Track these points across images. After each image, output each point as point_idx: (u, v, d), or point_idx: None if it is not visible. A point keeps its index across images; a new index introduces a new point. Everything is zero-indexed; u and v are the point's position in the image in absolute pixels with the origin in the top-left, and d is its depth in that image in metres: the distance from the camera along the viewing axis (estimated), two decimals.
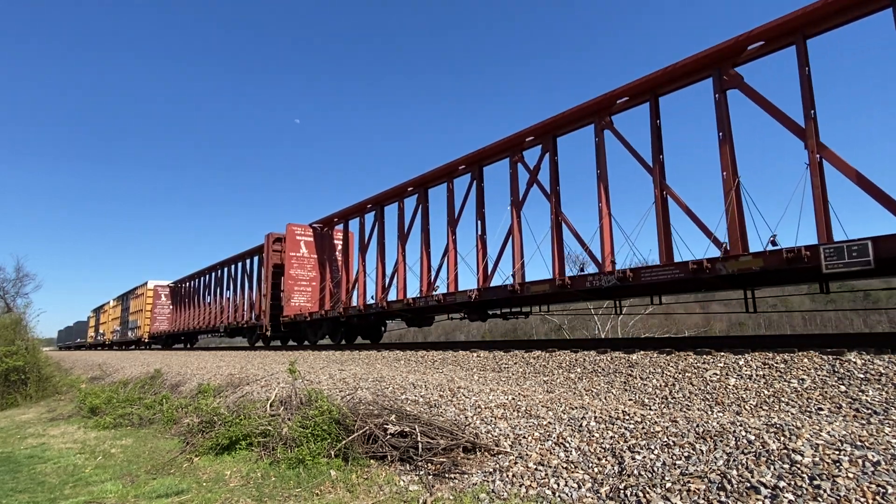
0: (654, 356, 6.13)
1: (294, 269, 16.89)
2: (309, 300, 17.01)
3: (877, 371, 4.39)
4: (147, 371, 13.96)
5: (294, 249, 16.93)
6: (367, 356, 10.73)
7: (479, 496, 3.55)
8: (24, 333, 15.43)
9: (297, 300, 16.77)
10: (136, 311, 35.00)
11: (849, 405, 3.98)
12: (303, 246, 17.11)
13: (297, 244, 17.01)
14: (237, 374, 10.37)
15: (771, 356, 5.21)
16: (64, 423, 8.80)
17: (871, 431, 3.19)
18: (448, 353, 9.13)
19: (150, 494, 4.32)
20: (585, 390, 5.65)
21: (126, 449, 6.38)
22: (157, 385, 11.70)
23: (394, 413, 4.98)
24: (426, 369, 8.19)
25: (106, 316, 44.02)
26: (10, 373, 13.18)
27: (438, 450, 4.23)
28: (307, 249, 17.18)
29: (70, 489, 4.73)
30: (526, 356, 7.57)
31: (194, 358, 16.82)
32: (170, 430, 7.24)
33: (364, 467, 4.37)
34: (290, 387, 6.61)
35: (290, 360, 8.36)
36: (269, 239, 18.40)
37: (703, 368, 5.34)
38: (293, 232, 16.99)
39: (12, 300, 45.22)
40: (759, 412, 4.18)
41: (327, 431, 4.86)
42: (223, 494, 4.14)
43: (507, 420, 4.71)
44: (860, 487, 2.59)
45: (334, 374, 8.22)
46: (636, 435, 3.82)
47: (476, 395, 5.55)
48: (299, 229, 17.08)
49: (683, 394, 4.91)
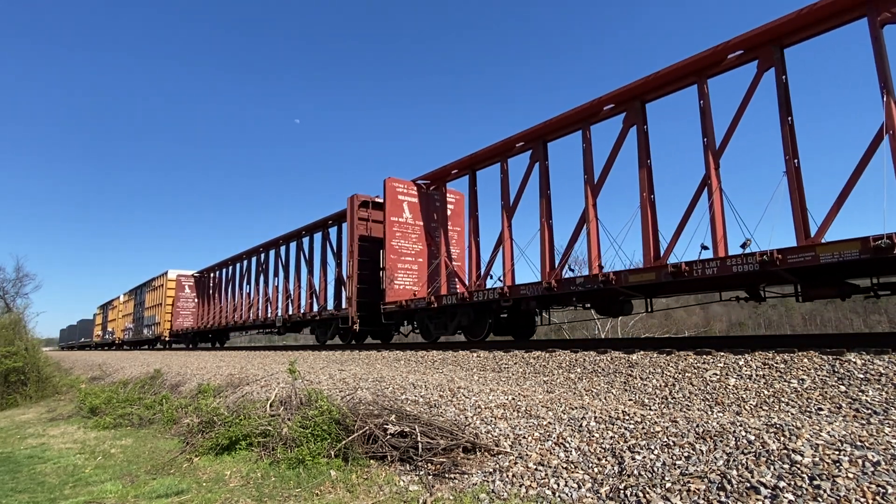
0: (654, 356, 6.13)
1: (397, 239, 12.55)
2: (415, 281, 12.84)
3: (877, 371, 4.39)
4: (147, 371, 13.96)
5: (396, 213, 12.62)
6: (367, 356, 10.73)
7: (479, 496, 3.55)
8: (24, 333, 15.43)
9: (402, 281, 12.62)
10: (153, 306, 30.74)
11: (849, 405, 3.98)
12: (406, 209, 12.80)
13: (399, 206, 12.70)
14: (237, 375, 10.37)
15: (771, 356, 5.21)
16: (64, 424, 8.80)
17: (871, 431, 3.19)
18: (448, 353, 9.13)
19: (149, 494, 4.32)
20: (585, 390, 5.65)
21: (126, 449, 6.38)
22: (157, 385, 11.69)
23: (394, 413, 4.98)
24: (426, 369, 8.19)
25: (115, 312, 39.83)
26: (10, 373, 13.18)
27: (438, 450, 4.23)
28: (411, 213, 12.88)
29: (70, 489, 4.73)
30: (526, 356, 7.57)
31: (194, 358, 16.81)
32: (170, 431, 7.24)
33: (364, 467, 4.36)
34: (290, 387, 6.61)
35: (289, 360, 8.36)
36: (354, 203, 14.08)
37: (703, 368, 5.34)
38: (394, 190, 12.62)
39: (12, 300, 45.23)
40: (759, 412, 4.18)
41: (327, 431, 4.86)
42: (223, 494, 4.14)
43: (507, 420, 4.71)
44: (860, 487, 2.59)
45: (334, 374, 8.22)
46: (636, 435, 3.82)
47: (476, 395, 5.55)
48: (402, 186, 12.77)
49: (683, 394, 4.91)
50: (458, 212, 13.79)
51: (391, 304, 12.30)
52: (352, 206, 14.24)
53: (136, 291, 34.89)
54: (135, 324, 34.15)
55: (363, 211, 14.29)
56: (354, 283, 13.53)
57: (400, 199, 12.77)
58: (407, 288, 12.69)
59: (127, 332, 35.59)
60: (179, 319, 27.56)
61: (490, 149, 11.00)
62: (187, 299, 28.09)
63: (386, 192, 12.54)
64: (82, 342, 51.69)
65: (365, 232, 14.17)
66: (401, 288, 12.61)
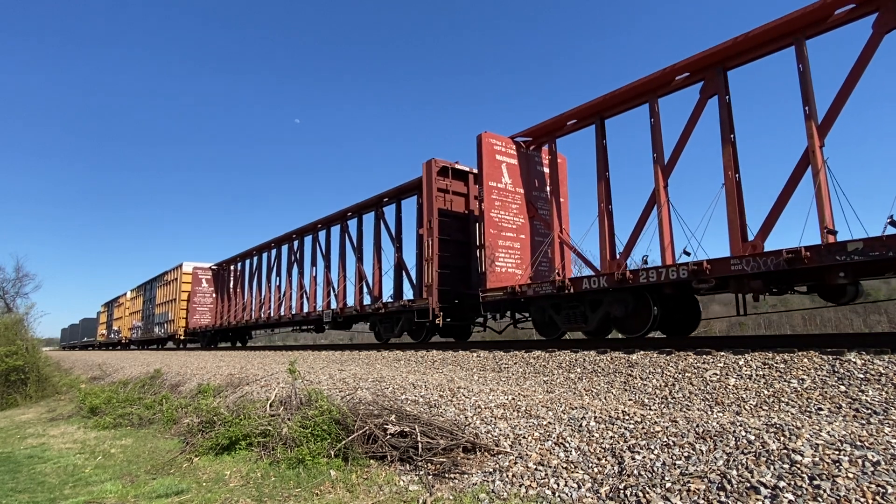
0: (654, 356, 6.13)
1: (496, 209, 10.11)
2: (517, 263, 10.38)
3: (877, 371, 4.39)
4: (147, 371, 13.97)
5: (494, 176, 10.17)
6: (367, 356, 10.73)
7: (479, 496, 3.55)
8: (25, 333, 15.45)
9: (504, 262, 10.13)
10: (165, 302, 28.04)
11: (849, 405, 3.98)
12: (505, 172, 10.34)
13: (497, 168, 10.22)
14: (237, 374, 10.38)
15: (771, 356, 5.21)
16: (64, 423, 8.80)
17: (871, 431, 3.19)
18: (448, 353, 9.13)
19: (149, 494, 4.32)
20: (585, 390, 5.65)
21: (126, 449, 6.38)
22: (157, 385, 11.71)
23: (394, 413, 4.98)
24: (426, 369, 8.19)
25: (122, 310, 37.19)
26: (11, 373, 13.20)
27: (438, 450, 4.23)
28: (510, 178, 10.42)
29: (70, 489, 4.73)
30: (526, 356, 7.57)
31: (194, 358, 16.82)
32: (170, 430, 7.24)
33: (364, 467, 4.37)
34: (290, 387, 6.61)
35: (289, 360, 8.36)
36: (432, 170, 11.55)
37: (703, 368, 5.34)
38: (492, 148, 10.19)
39: (12, 300, 45.25)
40: (759, 412, 4.18)
41: (327, 431, 4.86)
42: (223, 494, 4.14)
43: (506, 420, 4.71)
44: (860, 487, 2.59)
45: (334, 374, 8.22)
46: (636, 435, 3.82)
47: (476, 395, 5.55)
48: (500, 144, 10.36)
49: (683, 394, 4.91)
50: (562, 178, 11.24)
51: (495, 291, 9.72)
52: (429, 174, 11.64)
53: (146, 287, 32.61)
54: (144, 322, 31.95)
55: (441, 180, 11.75)
56: (435, 267, 10.93)
57: (498, 161, 10.28)
58: (509, 271, 10.25)
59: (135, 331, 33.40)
60: (196, 316, 25.07)
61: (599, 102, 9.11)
62: (204, 294, 25.44)
63: (482, 150, 10.06)
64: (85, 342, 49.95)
65: (445, 205, 11.73)
66: (503, 271, 10.16)
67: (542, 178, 11.05)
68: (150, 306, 30.84)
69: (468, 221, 12.08)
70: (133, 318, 34.40)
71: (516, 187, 10.58)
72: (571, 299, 8.85)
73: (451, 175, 11.95)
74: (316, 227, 17.12)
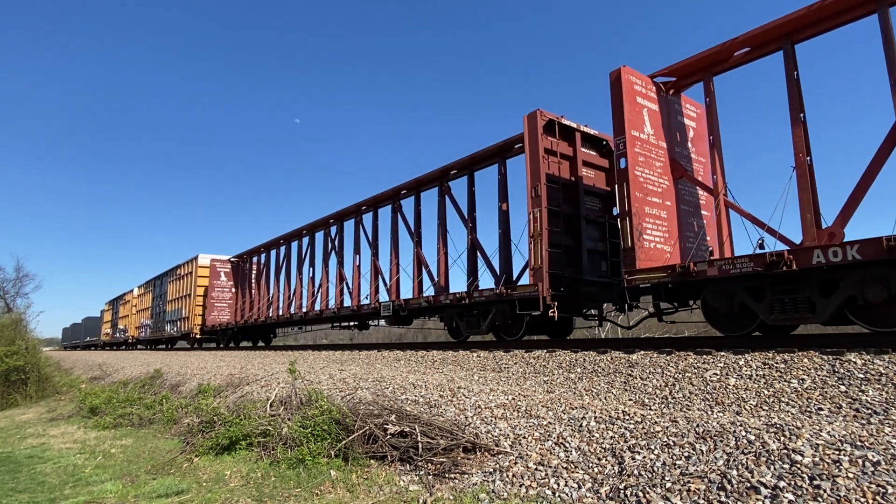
0: (654, 356, 6.13)
1: (640, 167, 8.09)
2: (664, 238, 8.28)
3: (877, 371, 4.39)
4: (147, 371, 13.98)
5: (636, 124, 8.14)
6: (366, 356, 10.74)
7: (479, 496, 3.55)
8: (25, 333, 15.47)
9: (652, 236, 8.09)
10: (178, 298, 26.13)
11: (849, 405, 3.98)
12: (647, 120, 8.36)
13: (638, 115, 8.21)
14: (237, 374, 10.38)
15: (771, 356, 5.21)
16: (64, 423, 8.80)
17: (871, 431, 3.19)
18: (448, 353, 9.13)
19: (150, 494, 4.32)
20: (585, 390, 5.65)
21: (126, 449, 6.38)
22: (157, 385, 11.71)
23: (394, 413, 4.98)
24: (426, 369, 8.19)
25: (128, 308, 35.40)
26: (11, 373, 13.21)
27: (438, 450, 4.23)
28: (653, 129, 8.43)
29: (70, 489, 4.73)
30: (526, 356, 7.57)
31: (194, 358, 16.83)
32: (170, 430, 7.25)
33: (364, 467, 4.37)
34: (290, 387, 6.61)
35: (289, 360, 8.36)
36: (538, 123, 9.49)
37: (703, 368, 5.34)
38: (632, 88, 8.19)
39: (12, 300, 45.25)
40: (759, 412, 4.18)
41: (327, 431, 4.86)
42: (223, 494, 4.14)
43: (507, 420, 4.71)
44: (860, 487, 2.59)
45: (334, 374, 8.23)
46: (636, 435, 3.82)
47: (476, 395, 5.55)
48: (640, 83, 8.38)
49: (683, 394, 4.91)
50: (700, 133, 9.40)
51: (650, 272, 7.61)
52: (533, 130, 9.54)
53: (155, 282, 30.62)
54: (153, 319, 29.97)
55: (547, 138, 9.75)
56: (544, 244, 9.06)
57: (639, 105, 8.28)
58: (658, 247, 8.16)
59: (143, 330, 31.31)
60: (214, 313, 22.90)
61: None
62: (223, 289, 23.28)
63: (622, 90, 8.05)
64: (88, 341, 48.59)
65: (553, 169, 9.76)
66: (651, 247, 8.03)
67: (682, 131, 9.05)
68: (161, 303, 28.88)
69: (576, 191, 10.08)
70: (141, 316, 32.64)
71: (658, 140, 8.55)
72: (787, 280, 6.53)
73: (558, 132, 9.93)
74: (360, 209, 15.10)
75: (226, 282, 23.47)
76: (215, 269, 23.31)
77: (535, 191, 9.40)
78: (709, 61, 8.15)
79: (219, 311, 23.11)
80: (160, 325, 28.53)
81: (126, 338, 34.90)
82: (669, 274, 7.35)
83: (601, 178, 10.73)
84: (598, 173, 10.73)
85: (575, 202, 10.07)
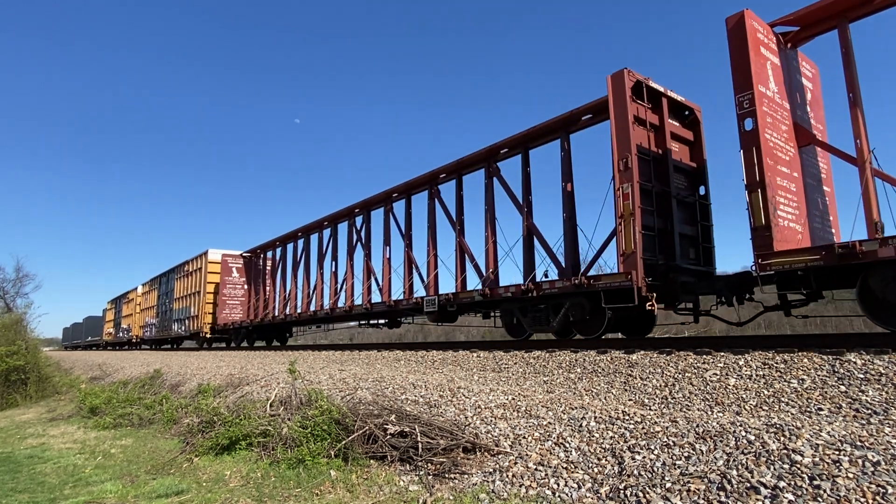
0: (654, 356, 6.13)
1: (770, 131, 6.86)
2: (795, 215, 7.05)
3: (877, 371, 4.39)
4: (147, 371, 13.98)
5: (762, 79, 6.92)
6: (367, 356, 10.74)
7: (479, 496, 3.55)
8: (25, 333, 15.48)
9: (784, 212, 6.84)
10: (186, 296, 24.99)
11: (849, 405, 3.98)
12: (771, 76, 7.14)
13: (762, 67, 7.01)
14: (237, 375, 10.38)
15: (771, 356, 5.21)
16: (64, 423, 8.81)
17: (871, 431, 3.19)
18: (448, 353, 9.13)
19: (150, 494, 4.32)
20: (585, 390, 5.65)
21: (126, 449, 6.39)
22: (157, 385, 11.71)
23: (394, 413, 4.98)
24: (426, 369, 8.19)
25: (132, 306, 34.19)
26: (11, 373, 13.21)
27: (438, 450, 4.23)
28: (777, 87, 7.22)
29: (70, 489, 4.74)
30: (526, 356, 7.57)
31: (194, 358, 16.83)
32: (170, 430, 7.25)
33: (364, 467, 4.37)
34: (290, 387, 6.61)
35: (289, 360, 8.37)
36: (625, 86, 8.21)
37: (703, 368, 5.34)
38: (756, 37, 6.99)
39: (12, 300, 45.24)
40: (759, 412, 4.18)
41: (327, 431, 4.86)
42: (223, 494, 4.14)
43: (507, 420, 4.71)
44: (860, 487, 2.59)
45: (334, 374, 8.23)
46: (636, 435, 3.82)
47: (476, 395, 5.55)
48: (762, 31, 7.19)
49: (683, 394, 4.91)
50: (816, 97, 8.19)
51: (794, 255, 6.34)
52: (619, 91, 8.28)
53: (161, 280, 29.30)
54: (159, 318, 28.72)
55: (636, 105, 8.44)
56: (638, 226, 7.80)
57: (763, 56, 7.09)
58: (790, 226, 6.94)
59: (148, 329, 30.08)
60: (226, 311, 21.66)
61: None
62: (235, 286, 22.06)
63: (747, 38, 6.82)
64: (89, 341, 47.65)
65: (643, 140, 8.47)
66: (786, 225, 6.83)
67: (802, 92, 7.84)
68: (167, 301, 27.59)
69: (665, 165, 8.76)
70: (146, 315, 31.36)
71: (783, 101, 7.30)
72: None
73: (647, 97, 8.67)
74: (391, 196, 13.85)
75: (238, 278, 22.26)
76: (227, 265, 22.05)
77: (624, 163, 8.06)
78: (845, 4, 6.92)
79: (231, 308, 21.88)
80: (166, 324, 27.39)
81: (130, 337, 34.08)
82: (823, 256, 5.99)
83: (685, 152, 9.38)
84: (683, 147, 9.36)
85: (665, 178, 8.72)
